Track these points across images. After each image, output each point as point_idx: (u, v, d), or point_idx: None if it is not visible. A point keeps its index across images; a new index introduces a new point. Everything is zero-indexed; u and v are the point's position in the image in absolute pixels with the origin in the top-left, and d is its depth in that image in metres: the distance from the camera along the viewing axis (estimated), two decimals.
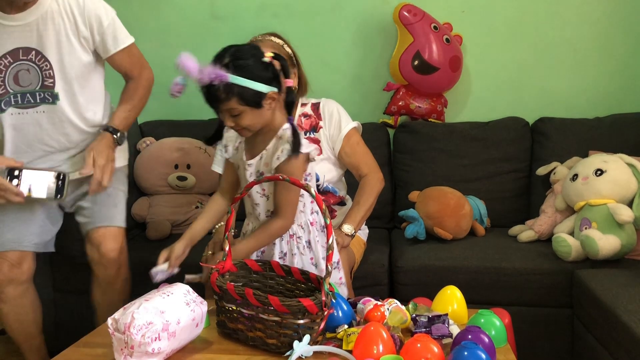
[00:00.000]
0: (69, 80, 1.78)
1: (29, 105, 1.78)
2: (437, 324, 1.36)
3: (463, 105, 2.81)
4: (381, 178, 2.03)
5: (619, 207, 2.03)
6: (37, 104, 1.78)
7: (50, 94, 1.77)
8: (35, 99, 1.77)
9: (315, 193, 1.35)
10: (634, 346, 1.50)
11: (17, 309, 1.93)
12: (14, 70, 1.74)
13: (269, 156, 1.54)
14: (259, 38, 1.93)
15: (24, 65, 1.74)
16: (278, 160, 1.50)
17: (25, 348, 2.00)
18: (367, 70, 2.81)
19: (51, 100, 1.78)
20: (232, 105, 1.44)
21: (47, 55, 1.74)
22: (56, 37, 1.73)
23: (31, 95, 1.77)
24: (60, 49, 1.75)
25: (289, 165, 1.49)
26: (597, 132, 2.51)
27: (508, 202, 2.54)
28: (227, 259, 1.46)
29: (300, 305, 1.27)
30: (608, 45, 2.70)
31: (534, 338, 2.06)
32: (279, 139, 1.54)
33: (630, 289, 1.75)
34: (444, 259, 2.10)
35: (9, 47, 1.72)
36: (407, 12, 2.56)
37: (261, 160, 1.56)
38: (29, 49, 1.73)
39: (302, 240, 1.62)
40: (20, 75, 1.74)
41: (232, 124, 1.48)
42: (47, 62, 1.75)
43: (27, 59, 1.73)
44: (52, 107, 1.79)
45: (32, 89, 1.76)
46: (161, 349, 1.25)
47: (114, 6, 2.90)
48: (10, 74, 1.74)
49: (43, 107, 1.79)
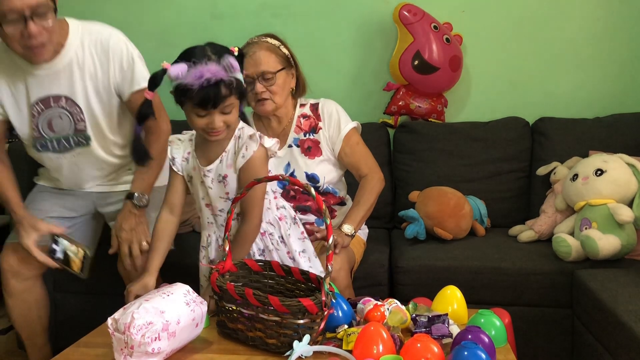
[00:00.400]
0: (98, 122, 1.83)
1: (65, 149, 1.85)
2: (437, 324, 1.36)
3: (463, 105, 2.81)
4: (381, 178, 2.03)
5: (619, 207, 2.03)
6: (73, 148, 1.85)
7: (83, 136, 1.84)
8: (69, 143, 1.84)
9: (315, 193, 1.35)
10: (634, 346, 1.50)
11: (21, 304, 1.93)
12: (46, 117, 1.80)
13: (231, 157, 1.54)
14: (255, 40, 1.93)
15: (55, 112, 1.80)
16: (244, 158, 1.50)
17: (29, 344, 2.01)
18: (367, 70, 2.81)
19: (85, 143, 1.85)
20: (231, 101, 1.44)
21: (76, 100, 1.79)
22: (83, 82, 1.78)
23: (65, 140, 1.84)
24: (88, 92, 1.79)
25: (256, 161, 1.50)
26: (597, 132, 2.50)
27: (508, 202, 2.54)
28: (227, 259, 1.46)
29: (300, 305, 1.27)
30: (608, 45, 2.70)
31: (534, 338, 2.06)
32: (237, 138, 1.54)
33: (630, 289, 1.75)
34: (444, 259, 2.10)
35: (40, 94, 1.77)
36: (407, 12, 2.56)
37: (222, 163, 1.55)
38: (59, 96, 1.78)
39: (274, 236, 1.64)
40: (53, 122, 1.81)
41: (222, 123, 1.47)
42: (77, 107, 1.80)
43: (59, 106, 1.79)
44: (86, 148, 1.86)
45: (65, 134, 1.83)
46: (161, 349, 1.25)
47: (114, 6, 2.92)
48: (44, 120, 1.80)
49: (78, 149, 1.86)
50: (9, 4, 1.53)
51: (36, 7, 1.56)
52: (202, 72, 1.38)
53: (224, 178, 1.56)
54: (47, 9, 1.59)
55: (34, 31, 1.58)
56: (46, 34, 1.63)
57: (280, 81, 1.89)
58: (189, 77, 1.38)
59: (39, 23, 1.58)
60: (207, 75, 1.38)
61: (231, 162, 1.54)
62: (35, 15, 1.57)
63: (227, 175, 1.55)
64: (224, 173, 1.55)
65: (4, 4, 1.53)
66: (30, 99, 1.77)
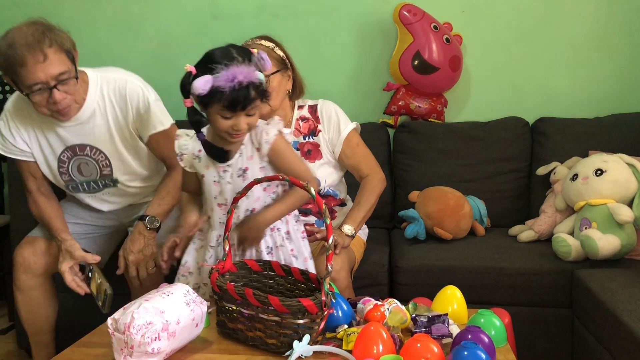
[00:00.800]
0: (126, 161, 1.93)
1: (95, 190, 1.97)
2: (437, 324, 1.36)
3: (463, 105, 2.81)
4: (383, 178, 2.03)
5: (619, 207, 2.03)
6: (101, 189, 1.98)
7: (110, 179, 1.95)
8: (98, 185, 1.97)
9: (315, 194, 1.35)
10: (634, 346, 1.50)
11: (29, 300, 1.95)
12: (75, 163, 1.92)
13: (250, 149, 1.55)
14: (249, 42, 1.92)
15: (82, 159, 1.91)
16: (267, 143, 1.52)
17: (34, 342, 2.03)
18: (367, 70, 2.81)
19: (112, 185, 1.97)
20: (257, 103, 1.45)
21: (100, 148, 1.89)
22: (107, 131, 1.88)
23: (94, 183, 1.96)
24: (114, 138, 1.89)
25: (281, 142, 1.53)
26: (597, 132, 2.51)
27: (508, 202, 2.54)
28: (227, 259, 1.46)
29: (300, 305, 1.27)
30: (608, 45, 2.70)
31: (534, 338, 2.06)
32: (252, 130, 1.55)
33: (630, 289, 1.75)
34: (444, 259, 2.10)
35: (68, 143, 1.88)
36: (407, 12, 2.56)
37: (242, 156, 1.55)
38: (84, 145, 1.88)
39: (281, 231, 1.63)
40: (81, 167, 1.93)
41: (246, 125, 1.47)
42: (102, 154, 1.90)
43: (84, 154, 1.90)
44: (114, 189, 1.98)
45: (93, 178, 1.95)
46: (161, 349, 1.25)
47: (115, 6, 2.92)
48: (73, 166, 1.92)
49: (107, 190, 1.98)
50: (34, 77, 1.63)
51: (59, 76, 1.67)
52: (234, 74, 1.37)
53: (245, 171, 1.55)
54: (69, 76, 1.70)
55: (59, 98, 1.69)
56: (70, 97, 1.74)
57: (274, 84, 1.88)
58: (221, 79, 1.38)
59: (62, 89, 1.69)
60: (239, 78, 1.38)
61: (251, 154, 1.55)
62: (59, 83, 1.68)
63: (248, 167, 1.55)
64: (244, 166, 1.55)
65: (29, 77, 1.63)
66: (60, 147, 1.89)
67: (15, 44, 1.63)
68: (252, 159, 1.55)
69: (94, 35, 2.90)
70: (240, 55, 1.42)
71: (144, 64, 2.90)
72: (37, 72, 1.63)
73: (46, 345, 2.02)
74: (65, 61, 1.69)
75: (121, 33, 2.92)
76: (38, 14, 2.96)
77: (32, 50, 1.62)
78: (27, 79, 1.64)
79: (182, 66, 3.08)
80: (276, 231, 1.62)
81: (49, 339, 2.02)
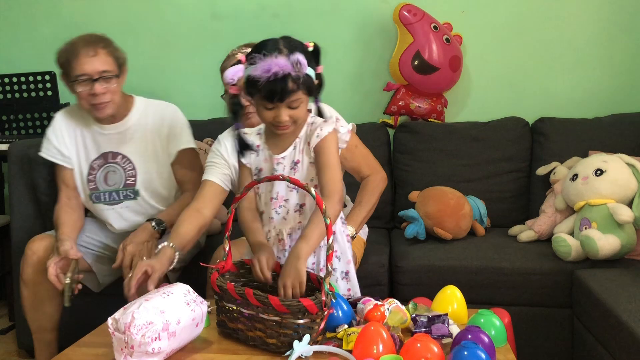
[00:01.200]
0: (151, 177, 2.07)
1: (115, 202, 2.07)
2: (437, 323, 1.36)
3: (463, 105, 2.81)
4: (384, 177, 2.01)
5: (618, 207, 2.03)
6: (121, 201, 2.07)
7: (132, 190, 2.07)
8: (119, 196, 2.07)
9: (315, 194, 1.34)
10: (634, 346, 1.50)
11: (34, 296, 1.96)
12: (104, 171, 2.06)
13: (304, 143, 1.54)
14: (235, 51, 1.90)
15: (111, 167, 2.06)
16: (318, 137, 1.51)
17: (36, 339, 2.03)
18: (367, 70, 2.81)
19: (132, 197, 2.07)
20: (298, 96, 1.43)
21: (130, 158, 2.05)
22: (141, 143, 2.04)
23: (116, 193, 2.07)
24: (144, 152, 2.05)
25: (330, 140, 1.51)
26: (597, 132, 2.51)
27: (508, 202, 2.55)
28: (227, 259, 1.46)
29: (300, 305, 1.27)
30: (608, 45, 2.70)
31: (534, 338, 2.06)
32: (309, 124, 1.54)
33: (630, 289, 1.75)
34: (444, 259, 2.10)
35: (102, 150, 2.05)
36: (407, 12, 2.56)
37: (295, 149, 1.55)
38: (117, 153, 2.05)
39: None
40: (108, 175, 2.06)
41: (287, 117, 1.46)
42: (131, 164, 2.05)
43: (114, 162, 2.05)
44: (133, 202, 2.07)
45: (116, 188, 2.06)
46: (161, 349, 1.25)
47: (115, 6, 2.92)
48: (101, 174, 2.06)
49: (126, 202, 2.07)
50: (82, 68, 1.88)
51: (102, 72, 1.90)
52: (270, 65, 1.37)
53: (296, 164, 1.55)
54: (112, 76, 1.93)
55: (99, 90, 1.90)
56: (109, 95, 1.93)
57: None
58: (258, 69, 1.38)
59: (104, 85, 1.91)
60: (274, 69, 1.37)
61: (304, 147, 1.54)
62: (101, 79, 1.90)
63: (299, 161, 1.54)
64: (296, 159, 1.55)
65: (77, 68, 1.88)
66: (94, 154, 2.06)
67: (75, 42, 1.92)
68: (303, 152, 1.54)
69: None
70: (286, 47, 1.42)
71: (144, 64, 2.90)
72: (85, 63, 1.88)
73: (48, 344, 2.02)
74: (111, 63, 1.93)
75: (121, 33, 2.90)
76: (38, 14, 2.98)
77: (86, 45, 1.90)
78: (75, 69, 1.88)
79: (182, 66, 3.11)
80: None
81: (51, 337, 2.02)
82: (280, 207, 1.58)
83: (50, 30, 2.96)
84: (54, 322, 2.02)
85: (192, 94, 2.79)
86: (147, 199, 2.07)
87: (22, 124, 2.75)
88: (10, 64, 2.92)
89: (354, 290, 1.64)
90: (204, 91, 2.78)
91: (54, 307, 1.99)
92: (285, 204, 1.57)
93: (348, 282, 1.63)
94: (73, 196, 2.06)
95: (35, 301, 1.97)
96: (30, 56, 2.96)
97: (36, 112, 2.73)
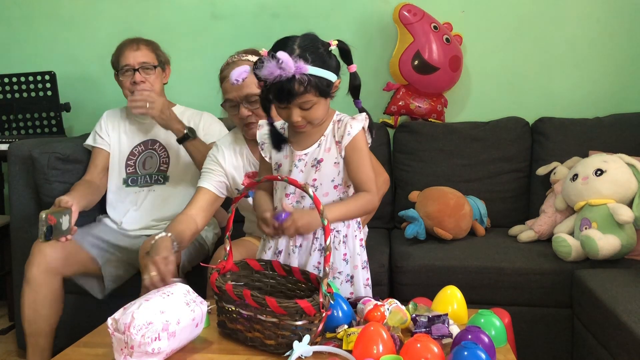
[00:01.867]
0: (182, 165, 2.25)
1: (146, 184, 2.28)
2: (437, 324, 1.36)
3: (463, 105, 2.81)
4: (387, 179, 1.98)
5: (619, 207, 2.03)
6: (151, 184, 2.27)
7: (163, 176, 2.28)
8: (151, 179, 2.28)
9: (313, 193, 1.34)
10: (634, 346, 1.50)
11: (35, 296, 1.93)
12: (143, 156, 2.30)
13: (330, 140, 1.53)
14: (235, 59, 1.88)
15: (150, 153, 2.30)
16: (350, 135, 1.50)
17: (30, 343, 1.98)
18: (367, 70, 2.80)
19: (161, 181, 2.27)
20: (308, 98, 1.42)
21: (167, 147, 2.28)
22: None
23: (149, 176, 2.28)
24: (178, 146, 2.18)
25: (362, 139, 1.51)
26: (597, 132, 2.51)
27: (508, 202, 2.55)
28: (228, 258, 1.46)
29: (298, 307, 1.27)
30: (608, 45, 2.70)
31: (534, 338, 2.06)
32: (336, 122, 1.53)
33: (630, 289, 1.75)
34: (444, 259, 2.10)
35: (143, 138, 2.31)
36: (407, 12, 2.56)
37: (320, 147, 1.53)
38: (156, 140, 2.30)
39: (340, 234, 1.58)
40: (146, 161, 2.30)
41: (299, 118, 1.45)
42: (166, 151, 2.28)
43: (152, 148, 2.30)
44: (161, 186, 2.27)
45: (150, 172, 2.29)
46: (161, 349, 1.25)
47: (115, 6, 2.92)
48: (141, 160, 2.30)
49: (155, 187, 2.27)
50: (126, 59, 2.18)
51: (143, 64, 2.19)
52: (273, 68, 1.36)
53: (319, 162, 1.53)
54: (152, 67, 2.21)
55: (138, 79, 2.18)
56: (148, 84, 2.19)
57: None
58: (265, 70, 1.37)
59: (143, 74, 2.18)
60: (277, 72, 1.36)
61: (329, 146, 1.53)
62: (142, 69, 2.18)
63: (323, 159, 1.53)
64: (320, 157, 1.53)
65: (123, 59, 2.18)
66: (137, 140, 2.30)
67: (123, 42, 2.22)
68: (330, 151, 1.53)
69: (93, 35, 2.91)
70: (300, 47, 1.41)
71: None
72: (128, 56, 2.18)
73: (42, 350, 1.99)
74: (152, 58, 2.21)
75: (121, 33, 2.91)
76: (38, 14, 2.98)
77: (132, 42, 2.21)
78: (121, 61, 2.18)
79: (182, 66, 3.11)
80: (335, 233, 1.57)
81: (46, 342, 1.99)
82: (297, 203, 1.56)
83: (50, 30, 2.97)
84: (51, 326, 1.99)
85: (192, 94, 2.79)
86: (174, 185, 2.26)
87: (22, 124, 2.75)
88: (10, 64, 2.93)
89: (357, 293, 1.62)
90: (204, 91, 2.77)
91: (52, 311, 1.97)
92: (302, 201, 1.56)
93: (352, 285, 1.61)
94: (97, 178, 2.24)
95: (36, 303, 1.95)
96: (30, 56, 2.97)
97: (36, 112, 2.73)
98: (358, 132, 1.51)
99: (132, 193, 2.27)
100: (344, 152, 1.52)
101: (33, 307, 1.95)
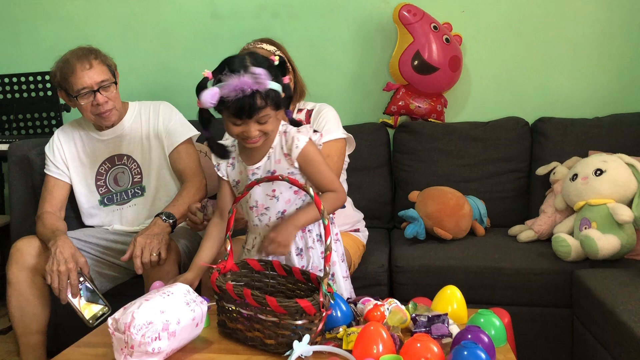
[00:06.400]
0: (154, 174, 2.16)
1: (125, 201, 2.18)
2: (437, 323, 1.36)
3: (463, 105, 2.81)
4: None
5: (618, 207, 2.03)
6: (130, 199, 2.18)
7: (139, 187, 2.18)
8: (128, 195, 2.18)
9: (314, 194, 1.35)
10: (634, 346, 1.50)
11: (18, 295, 1.92)
12: (113, 173, 2.18)
13: (279, 152, 1.55)
14: (251, 46, 1.93)
15: (119, 169, 2.18)
16: (298, 148, 1.52)
17: (22, 342, 1.97)
18: (367, 70, 2.81)
19: (140, 193, 2.18)
20: (267, 112, 1.45)
21: (134, 157, 2.17)
22: (140, 141, 2.15)
23: (125, 193, 2.18)
24: (145, 151, 2.16)
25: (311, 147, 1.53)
26: (597, 132, 2.51)
27: (508, 202, 2.55)
28: (229, 258, 1.47)
29: (298, 307, 1.27)
30: (608, 45, 2.70)
31: (534, 338, 2.06)
32: (282, 134, 1.55)
33: (630, 289, 1.75)
34: (444, 259, 2.11)
35: (106, 155, 2.17)
36: (407, 12, 2.56)
37: (270, 159, 1.56)
38: (121, 155, 2.17)
39: (312, 233, 1.62)
40: (118, 177, 2.19)
41: (257, 132, 1.47)
42: (135, 162, 2.17)
43: (121, 163, 2.18)
44: (140, 198, 2.18)
45: (125, 187, 2.18)
46: (161, 349, 1.25)
47: (115, 6, 2.93)
48: (111, 177, 2.18)
49: (134, 200, 2.18)
50: (82, 82, 1.98)
51: (101, 82, 2.01)
52: (237, 83, 1.39)
53: (272, 174, 1.55)
54: (110, 83, 2.04)
55: (101, 100, 2.02)
56: (111, 102, 2.05)
57: None
58: (225, 87, 1.40)
59: (104, 94, 2.02)
60: (242, 87, 1.38)
61: (279, 158, 1.55)
62: (102, 88, 2.01)
63: (276, 171, 1.55)
64: (272, 169, 1.55)
65: (77, 82, 1.98)
66: (100, 159, 2.16)
67: (68, 59, 2.00)
68: (280, 162, 1.55)
69: (93, 35, 2.90)
70: (253, 64, 1.43)
71: (144, 64, 2.91)
72: (83, 77, 1.98)
73: (34, 348, 1.97)
74: (106, 72, 2.03)
75: (121, 33, 2.93)
76: (38, 14, 2.98)
77: (80, 60, 1.99)
78: (75, 84, 1.98)
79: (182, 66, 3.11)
80: (307, 233, 1.61)
81: (37, 340, 1.97)
82: (262, 215, 1.60)
83: (50, 30, 2.97)
84: (40, 324, 1.97)
85: (192, 94, 2.79)
86: (153, 193, 2.16)
87: (22, 124, 2.75)
88: (10, 64, 2.93)
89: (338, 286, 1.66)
90: None
91: (39, 309, 1.95)
92: (267, 212, 1.59)
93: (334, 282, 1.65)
94: (57, 208, 2.10)
95: (20, 301, 1.92)
96: (30, 56, 2.97)
97: (36, 112, 2.73)
98: (305, 143, 1.53)
99: (111, 212, 2.18)
100: (297, 164, 1.55)
101: (19, 307, 1.94)
